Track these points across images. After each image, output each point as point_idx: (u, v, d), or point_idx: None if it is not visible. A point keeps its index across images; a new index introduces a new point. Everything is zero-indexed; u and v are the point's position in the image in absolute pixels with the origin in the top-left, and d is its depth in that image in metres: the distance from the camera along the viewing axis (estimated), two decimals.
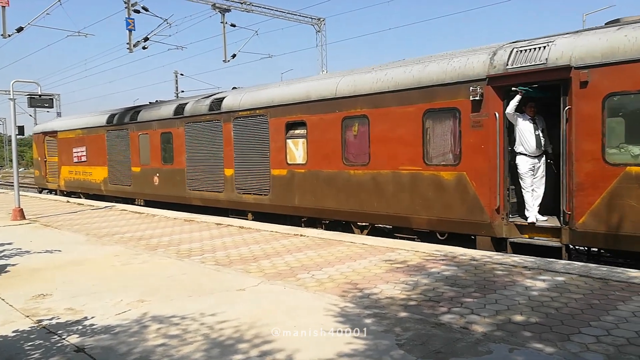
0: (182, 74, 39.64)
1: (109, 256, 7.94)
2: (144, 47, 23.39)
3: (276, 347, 4.00)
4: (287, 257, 7.37)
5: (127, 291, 5.79)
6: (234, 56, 26.34)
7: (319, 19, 29.17)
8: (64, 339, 4.34)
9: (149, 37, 23.04)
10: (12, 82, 13.30)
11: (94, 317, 4.88)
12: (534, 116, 7.98)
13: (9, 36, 21.85)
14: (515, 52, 7.80)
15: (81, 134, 19.42)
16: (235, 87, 14.56)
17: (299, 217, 11.39)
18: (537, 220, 7.84)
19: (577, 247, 7.79)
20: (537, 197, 7.99)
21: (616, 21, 7.50)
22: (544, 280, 5.69)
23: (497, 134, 7.85)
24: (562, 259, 7.26)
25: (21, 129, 14.32)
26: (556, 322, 4.35)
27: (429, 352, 3.81)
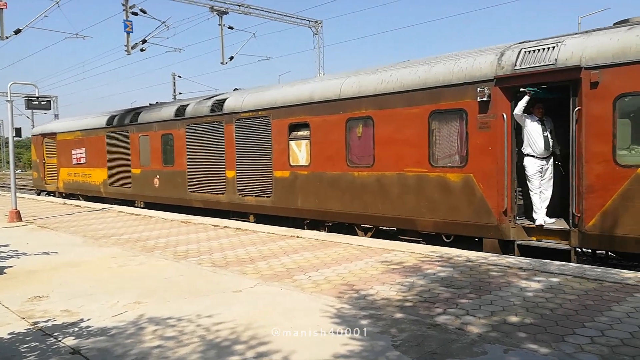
0: (179, 76, 39.76)
1: (106, 258, 7.93)
2: (142, 50, 23.44)
3: (272, 349, 4.01)
4: (283, 259, 7.38)
5: (123, 293, 5.79)
6: (231, 58, 26.39)
7: (316, 22, 29.24)
8: (60, 341, 4.34)
9: (146, 39, 23.08)
10: (10, 84, 13.29)
11: (90, 319, 4.88)
12: (542, 117, 7.91)
13: (7, 38, 21.84)
14: (523, 53, 7.71)
15: (80, 135, 19.35)
16: (236, 88, 14.48)
17: (301, 220, 11.30)
18: (545, 222, 7.75)
19: (586, 249, 7.66)
20: (545, 199, 7.91)
21: (625, 21, 7.41)
22: (539, 281, 5.72)
23: (504, 135, 7.76)
24: (572, 262, 7.14)
25: (18, 131, 14.28)
26: (551, 323, 4.37)
27: (424, 353, 3.83)
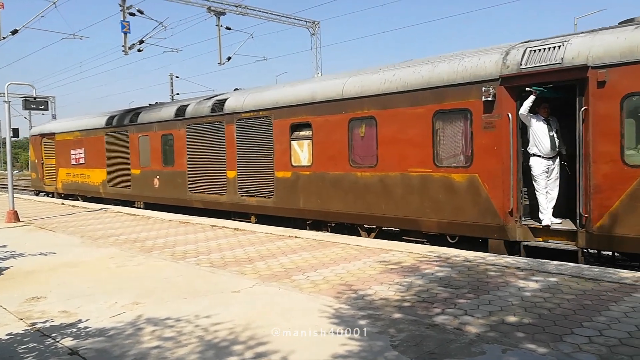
0: (177, 77, 39.93)
1: (104, 258, 7.92)
2: (139, 50, 23.41)
3: (271, 349, 4.01)
4: (281, 259, 7.38)
5: (122, 293, 5.78)
6: (229, 59, 26.38)
7: (313, 22, 29.24)
8: (58, 341, 4.33)
9: (144, 39, 23.05)
10: (7, 85, 13.27)
11: (88, 320, 4.88)
12: (548, 117, 7.85)
13: (4, 38, 21.82)
14: (529, 52, 7.63)
15: (79, 136, 19.27)
16: (237, 88, 14.43)
17: (303, 220, 11.23)
18: (551, 223, 7.68)
19: (594, 250, 7.57)
20: (551, 199, 7.86)
21: (630, 20, 7.35)
22: (537, 281, 5.73)
23: (510, 135, 7.71)
24: (579, 262, 7.06)
25: (16, 131, 14.28)
26: (549, 323, 4.38)
27: (422, 353, 3.83)
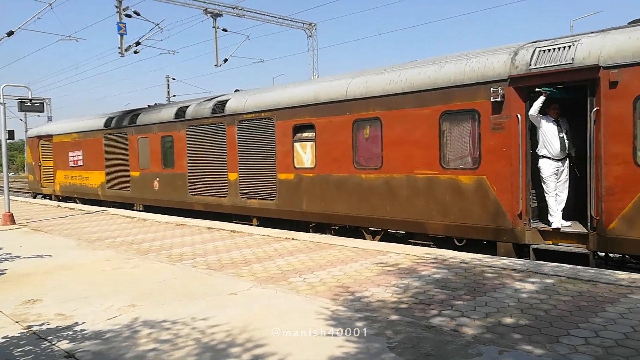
0: (173, 78, 39.73)
1: (100, 261, 7.90)
2: (136, 52, 23.42)
3: (268, 351, 4.01)
4: (278, 261, 7.37)
5: (118, 296, 5.77)
6: (225, 61, 26.39)
7: (310, 24, 29.28)
8: (54, 344, 4.31)
9: (140, 41, 23.06)
10: (2, 87, 13.22)
11: (84, 323, 4.86)
12: (558, 118, 7.76)
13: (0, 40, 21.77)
14: (538, 52, 7.54)
15: (77, 137, 19.13)
16: (237, 89, 14.37)
17: (306, 223, 11.13)
18: (562, 225, 7.58)
19: (602, 253, 7.47)
20: (560, 201, 7.77)
21: (638, 21, 7.30)
22: (533, 282, 5.74)
23: (519, 136, 7.60)
24: (590, 265, 6.96)
25: (11, 133, 14.18)
26: (545, 324, 4.39)
27: (419, 354, 3.83)
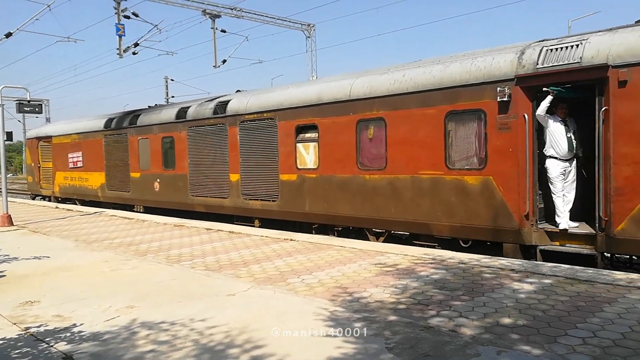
0: (172, 79, 39.80)
1: (98, 262, 7.89)
2: (134, 53, 23.44)
3: (267, 352, 4.00)
4: (277, 262, 7.37)
5: (116, 297, 5.76)
6: (224, 62, 26.44)
7: (308, 25, 29.33)
8: (52, 346, 4.31)
9: (139, 42, 23.07)
10: (1, 88, 13.21)
11: (82, 324, 4.85)
12: (565, 118, 7.69)
13: None
14: (545, 51, 7.46)
15: (77, 138, 19.03)
16: (239, 90, 14.33)
17: (309, 224, 11.04)
18: (569, 226, 7.51)
19: (609, 254, 7.41)
20: (567, 202, 7.70)
21: None
22: (531, 282, 5.75)
23: (526, 136, 7.52)
24: (598, 267, 6.90)
25: (9, 135, 14.15)
26: (543, 325, 4.39)
27: (418, 355, 3.83)
